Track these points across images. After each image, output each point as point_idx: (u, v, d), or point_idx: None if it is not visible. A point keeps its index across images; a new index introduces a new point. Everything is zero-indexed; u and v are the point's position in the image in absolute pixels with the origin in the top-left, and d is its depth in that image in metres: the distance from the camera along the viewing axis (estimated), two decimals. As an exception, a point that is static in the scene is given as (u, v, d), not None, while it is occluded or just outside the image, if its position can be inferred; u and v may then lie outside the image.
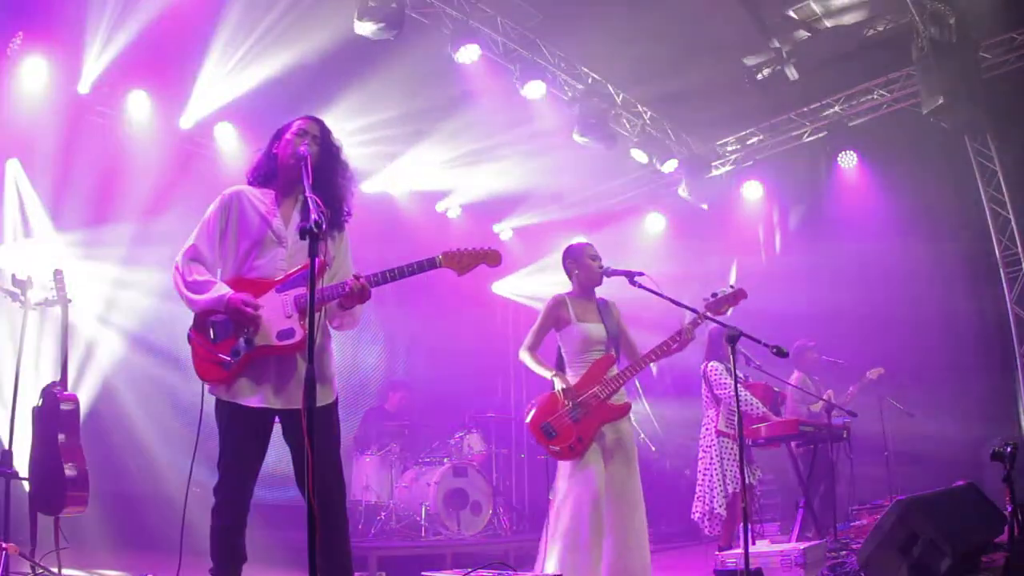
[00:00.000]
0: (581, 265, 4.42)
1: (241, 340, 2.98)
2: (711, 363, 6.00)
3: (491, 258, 3.23)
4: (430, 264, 3.12)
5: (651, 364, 4.27)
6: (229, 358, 2.99)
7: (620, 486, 4.14)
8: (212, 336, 3.04)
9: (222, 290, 3.00)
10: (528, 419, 4.27)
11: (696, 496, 5.96)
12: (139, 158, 7.27)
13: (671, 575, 6.11)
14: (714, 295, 4.24)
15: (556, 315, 4.36)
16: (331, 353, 3.22)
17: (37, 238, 6.82)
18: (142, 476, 6.89)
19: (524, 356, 4.39)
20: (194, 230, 3.15)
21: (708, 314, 4.16)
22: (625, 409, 4.25)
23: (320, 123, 3.28)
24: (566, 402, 4.14)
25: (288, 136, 3.20)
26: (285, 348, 2.99)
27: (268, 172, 3.24)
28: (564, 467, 4.18)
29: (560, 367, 4.36)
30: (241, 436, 3.02)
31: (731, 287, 4.27)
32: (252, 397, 2.99)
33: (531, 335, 4.40)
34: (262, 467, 3.10)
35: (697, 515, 5.92)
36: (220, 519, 3.01)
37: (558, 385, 4.20)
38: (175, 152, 7.61)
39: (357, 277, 3.02)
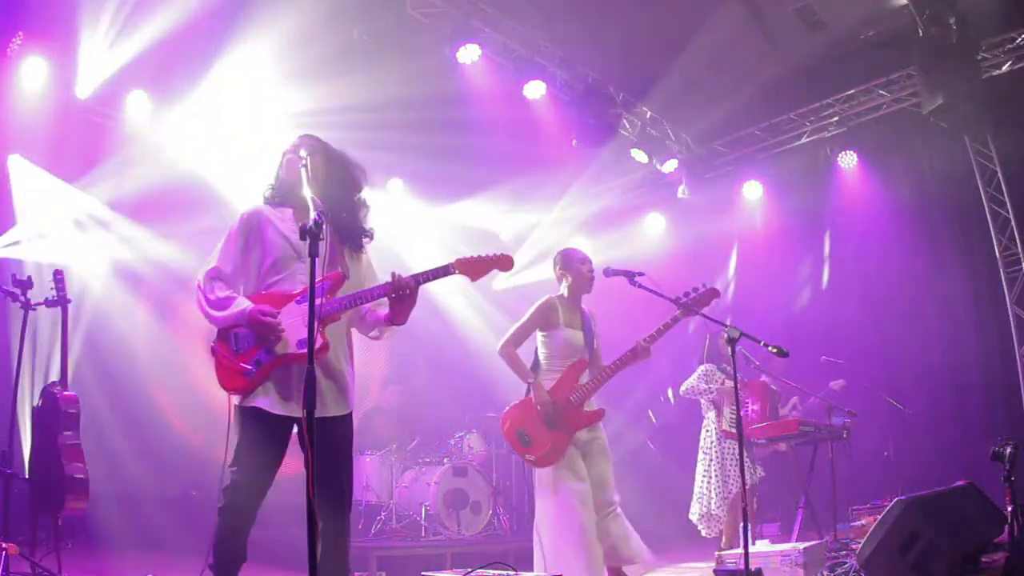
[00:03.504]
0: (574, 272, 4.44)
1: (262, 350, 3.09)
2: (701, 366, 6.01)
3: (503, 263, 3.26)
4: (444, 271, 3.17)
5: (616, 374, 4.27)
6: (251, 367, 3.09)
7: (600, 477, 4.18)
8: (235, 347, 3.13)
9: (242, 304, 3.10)
10: (503, 427, 4.29)
11: (695, 498, 5.96)
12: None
13: (671, 575, 6.11)
14: (686, 294, 4.21)
15: (547, 317, 4.35)
16: (350, 371, 3.29)
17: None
18: (142, 476, 6.87)
19: (508, 353, 4.33)
20: (215, 249, 3.23)
21: (680, 317, 4.17)
22: (599, 415, 4.28)
23: (315, 138, 3.35)
24: (542, 409, 4.14)
25: (288, 156, 3.29)
26: (304, 356, 3.03)
27: (280, 193, 3.32)
28: (544, 481, 4.14)
29: (535, 369, 4.35)
30: (261, 441, 3.08)
31: (703, 285, 4.25)
32: (274, 403, 3.07)
33: (517, 332, 4.36)
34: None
35: (695, 516, 5.93)
36: (229, 520, 3.03)
37: (534, 392, 4.19)
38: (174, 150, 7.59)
39: (394, 275, 3.09)
